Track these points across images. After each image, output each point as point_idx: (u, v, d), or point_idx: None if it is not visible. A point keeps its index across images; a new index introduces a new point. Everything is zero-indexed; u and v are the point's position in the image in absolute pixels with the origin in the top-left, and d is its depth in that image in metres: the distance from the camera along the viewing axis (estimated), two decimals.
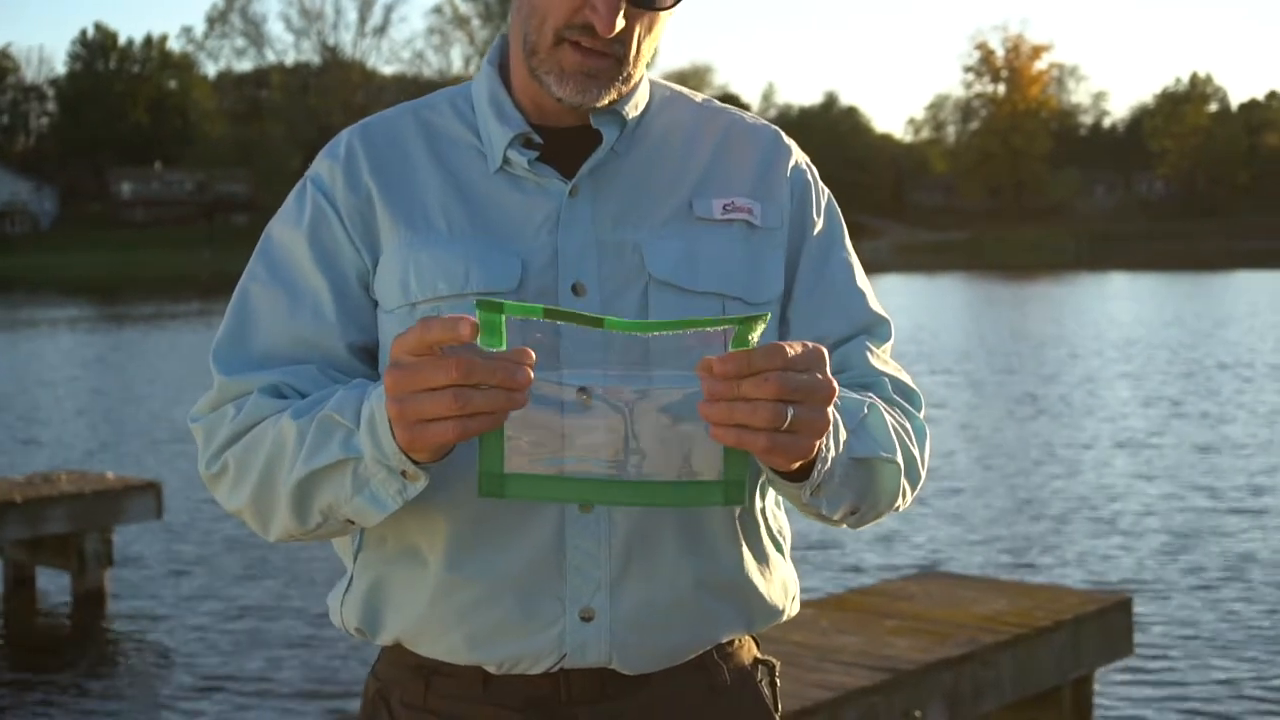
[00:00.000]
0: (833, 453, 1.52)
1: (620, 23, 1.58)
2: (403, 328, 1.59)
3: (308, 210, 1.71)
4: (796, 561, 1.82)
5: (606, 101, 1.65)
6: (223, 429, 1.65)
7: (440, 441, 1.42)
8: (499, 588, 1.63)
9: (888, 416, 1.66)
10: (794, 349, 1.40)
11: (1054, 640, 5.67)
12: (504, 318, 1.39)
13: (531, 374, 1.38)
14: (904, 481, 1.67)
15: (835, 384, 1.43)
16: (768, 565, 1.75)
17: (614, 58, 1.62)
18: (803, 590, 1.80)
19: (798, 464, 1.48)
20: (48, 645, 8.65)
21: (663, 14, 1.65)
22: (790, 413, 1.38)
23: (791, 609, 1.79)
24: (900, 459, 1.65)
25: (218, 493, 1.70)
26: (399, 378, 1.41)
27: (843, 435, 1.55)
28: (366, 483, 1.54)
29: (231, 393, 1.67)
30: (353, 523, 1.60)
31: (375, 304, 1.69)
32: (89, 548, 9.30)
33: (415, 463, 1.49)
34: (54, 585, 9.59)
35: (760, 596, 1.73)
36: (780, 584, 1.76)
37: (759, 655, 1.80)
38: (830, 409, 1.44)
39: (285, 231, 1.72)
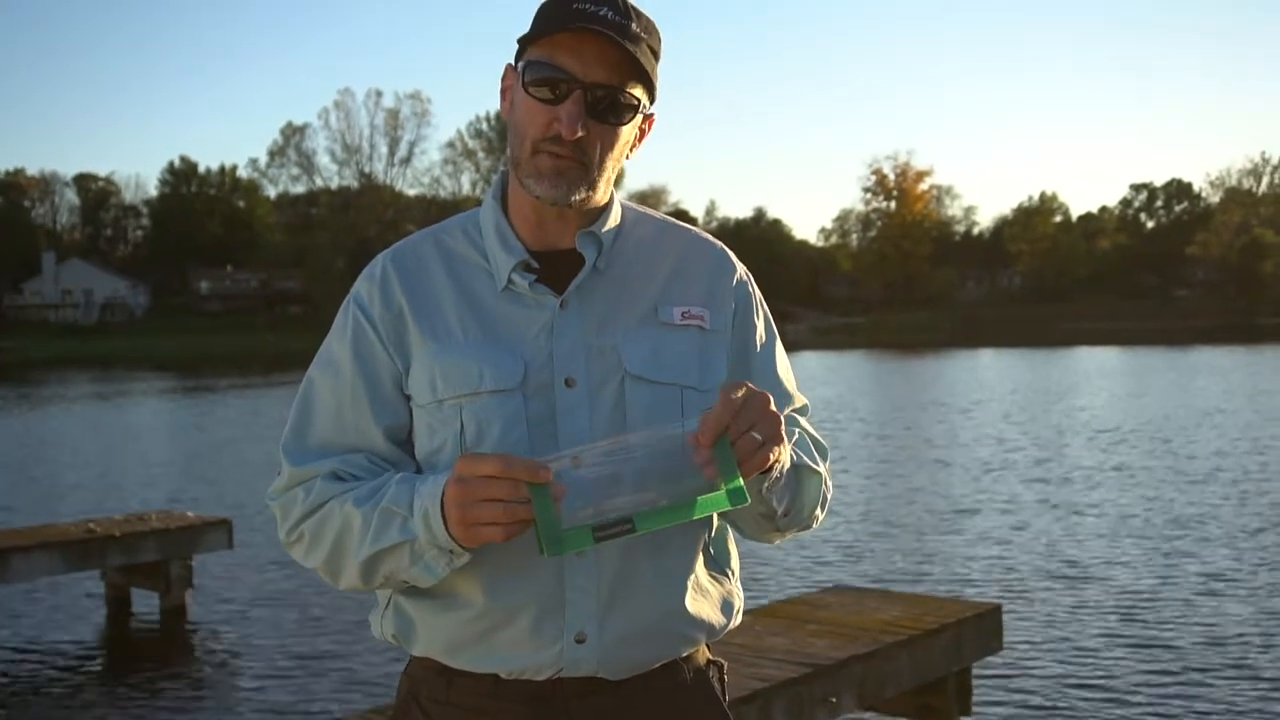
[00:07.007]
0: (785, 462, 1.60)
1: (580, 130, 1.57)
2: (433, 419, 1.64)
3: (350, 327, 1.70)
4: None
5: (576, 200, 1.62)
6: (295, 508, 1.67)
7: (490, 540, 1.49)
8: (513, 616, 1.62)
9: (810, 444, 1.74)
10: (745, 393, 1.50)
11: (940, 640, 5.65)
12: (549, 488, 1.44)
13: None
14: (824, 490, 1.73)
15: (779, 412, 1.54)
16: (721, 590, 1.75)
17: (579, 161, 1.60)
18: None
19: (767, 467, 1.54)
20: (141, 650, 8.50)
21: (622, 130, 1.63)
22: (760, 436, 1.49)
23: (736, 620, 1.78)
24: (823, 470, 1.72)
25: (295, 554, 1.71)
26: (465, 491, 1.47)
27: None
28: (421, 557, 1.58)
29: (298, 479, 1.67)
30: (406, 582, 1.63)
31: (408, 398, 1.68)
32: (174, 572, 9.22)
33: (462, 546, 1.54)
34: (146, 603, 9.44)
35: (714, 616, 1.73)
36: (729, 604, 1.76)
37: (711, 657, 1.79)
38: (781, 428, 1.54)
39: (334, 344, 1.72)
